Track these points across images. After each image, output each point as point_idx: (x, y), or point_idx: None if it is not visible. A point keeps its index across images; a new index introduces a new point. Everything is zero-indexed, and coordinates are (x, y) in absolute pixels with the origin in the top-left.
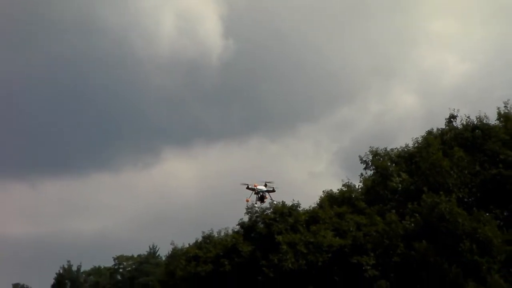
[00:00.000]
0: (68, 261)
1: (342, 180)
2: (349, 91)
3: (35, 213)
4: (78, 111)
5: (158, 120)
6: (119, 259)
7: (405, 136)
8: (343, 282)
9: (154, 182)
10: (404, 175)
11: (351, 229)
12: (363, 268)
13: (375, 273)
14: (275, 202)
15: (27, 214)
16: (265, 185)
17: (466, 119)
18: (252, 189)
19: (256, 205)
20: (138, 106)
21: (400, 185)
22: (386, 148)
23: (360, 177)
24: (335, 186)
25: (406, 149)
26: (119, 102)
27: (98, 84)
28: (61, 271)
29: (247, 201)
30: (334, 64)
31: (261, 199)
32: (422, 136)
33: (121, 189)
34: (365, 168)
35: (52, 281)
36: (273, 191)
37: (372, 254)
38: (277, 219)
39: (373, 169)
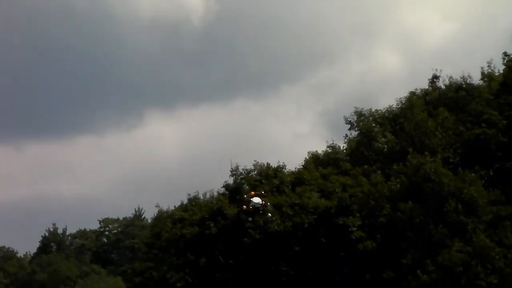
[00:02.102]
0: (54, 224)
1: (327, 142)
2: (331, 51)
3: (19, 177)
4: (59, 73)
5: (140, 82)
6: (105, 222)
7: (389, 96)
8: (329, 243)
9: (138, 144)
10: (389, 136)
11: (336, 190)
12: (349, 229)
13: (361, 234)
14: (259, 164)
15: (11, 178)
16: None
17: (450, 79)
18: (248, 201)
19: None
20: (120, 68)
21: (385, 146)
22: (370, 109)
23: (345, 138)
24: (320, 147)
25: (390, 110)
26: (100, 64)
27: (78, 46)
28: (46, 234)
29: (244, 208)
30: (316, 24)
31: (256, 211)
32: (405, 97)
33: (105, 152)
34: (350, 129)
35: (37, 244)
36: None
37: (357, 215)
38: (262, 181)
39: (358, 130)
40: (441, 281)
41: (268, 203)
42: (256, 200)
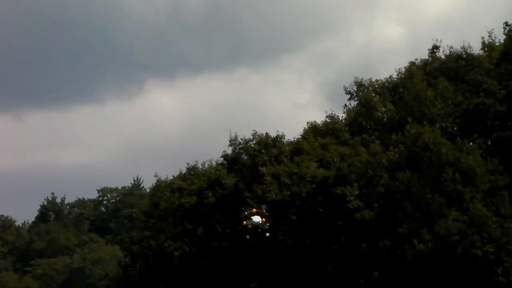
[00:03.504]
0: (52, 193)
1: (326, 112)
2: (332, 22)
3: (19, 145)
4: (60, 43)
5: (141, 51)
6: (103, 191)
7: (390, 67)
8: (326, 213)
9: (138, 114)
10: (389, 105)
11: (335, 160)
12: (347, 198)
13: (359, 203)
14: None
15: (11, 146)
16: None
17: (450, 49)
18: (249, 218)
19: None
20: (120, 38)
21: (385, 116)
22: (370, 79)
23: (344, 108)
24: (319, 118)
25: (389, 80)
26: (101, 33)
27: (79, 15)
28: (45, 203)
29: (244, 224)
30: None
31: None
32: (405, 67)
33: (105, 121)
34: (349, 99)
35: (36, 213)
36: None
37: (355, 185)
38: (261, 150)
39: (357, 100)
40: (437, 250)
41: (267, 224)
42: (256, 219)
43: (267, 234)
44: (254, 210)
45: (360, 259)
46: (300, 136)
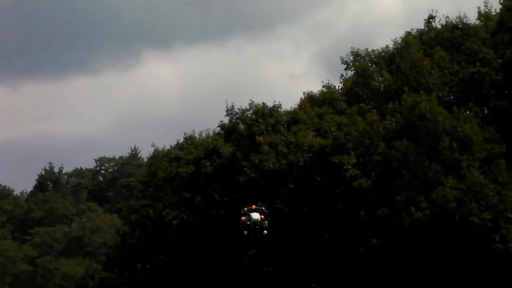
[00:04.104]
0: (50, 163)
1: (322, 82)
2: None
3: (16, 116)
4: (56, 12)
5: (136, 21)
6: (101, 161)
7: (386, 37)
8: (324, 181)
9: (134, 84)
10: (385, 75)
11: (331, 129)
12: (344, 167)
13: (356, 172)
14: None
15: (8, 117)
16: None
17: (446, 19)
18: (248, 215)
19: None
20: (117, 7)
21: (381, 85)
22: (367, 49)
23: (340, 78)
24: (316, 88)
25: (386, 50)
26: (97, 2)
27: None
28: (42, 173)
29: (243, 219)
30: None
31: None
32: (402, 37)
33: (102, 91)
34: (345, 69)
35: (34, 183)
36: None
37: (352, 154)
38: (258, 120)
39: (353, 70)
40: (434, 218)
41: (266, 222)
42: (255, 216)
43: (265, 231)
44: (254, 206)
45: (358, 227)
46: (296, 106)
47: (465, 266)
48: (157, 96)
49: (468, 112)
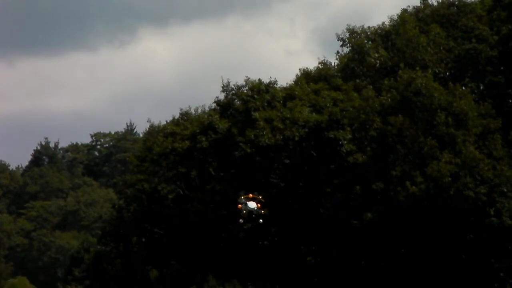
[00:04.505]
0: (46, 138)
1: (318, 58)
2: None
3: (12, 91)
4: None
5: None
6: (97, 136)
7: (382, 14)
8: (319, 156)
9: (130, 60)
10: (381, 51)
11: (327, 105)
12: (340, 142)
13: (352, 147)
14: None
15: (4, 92)
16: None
17: None
18: (244, 203)
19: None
20: None
21: (377, 61)
22: (363, 26)
23: (336, 54)
24: (312, 64)
25: (382, 27)
26: None
27: None
28: (38, 148)
29: (239, 207)
30: None
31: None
32: (398, 14)
33: (98, 67)
34: (341, 46)
35: (29, 158)
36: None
37: (348, 129)
38: (254, 96)
39: (349, 47)
40: (429, 192)
41: (262, 211)
42: (252, 205)
43: (261, 220)
44: (251, 195)
45: (353, 201)
46: (292, 82)
47: (460, 240)
48: (153, 73)
49: (463, 88)
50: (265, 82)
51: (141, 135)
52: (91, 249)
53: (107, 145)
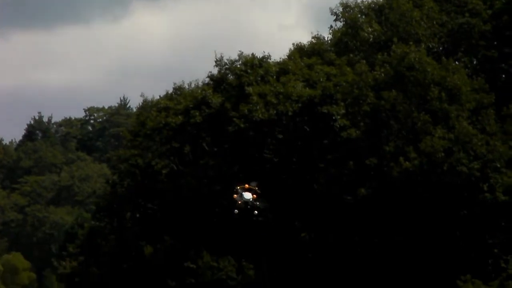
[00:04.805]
0: (39, 113)
1: (312, 33)
2: None
3: (5, 65)
4: None
5: None
6: (90, 111)
7: None
8: (313, 131)
9: (124, 34)
10: (375, 25)
11: (321, 79)
12: (333, 117)
13: (345, 122)
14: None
15: None
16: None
17: None
18: (240, 194)
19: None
20: None
21: (371, 36)
22: (356, 0)
23: (330, 29)
24: (305, 39)
25: (375, 1)
26: None
27: None
28: (32, 122)
29: (235, 197)
30: None
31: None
32: None
33: (91, 41)
34: (335, 20)
35: (23, 132)
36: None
37: (342, 104)
38: (247, 70)
39: (343, 21)
40: (423, 167)
41: (257, 203)
42: (247, 196)
43: (256, 212)
44: (247, 186)
45: (347, 177)
46: (286, 57)
47: (454, 215)
48: (146, 47)
49: (457, 62)
50: (258, 57)
51: (134, 110)
52: (85, 225)
53: (100, 119)
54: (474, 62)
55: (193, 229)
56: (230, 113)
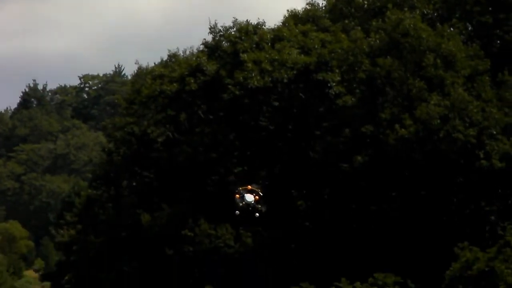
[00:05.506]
0: (34, 80)
1: None
2: None
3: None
4: None
5: None
6: (85, 78)
7: None
8: (308, 99)
9: (118, 1)
10: None
11: (316, 46)
12: (328, 84)
13: (341, 89)
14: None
15: None
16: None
17: None
18: (242, 194)
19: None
20: None
21: (365, 2)
22: None
23: None
24: (300, 5)
25: None
26: None
27: None
28: (26, 90)
29: (237, 197)
30: None
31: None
32: None
33: (85, 8)
34: None
35: (18, 100)
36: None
37: (337, 71)
38: (242, 37)
39: None
40: (419, 135)
41: (259, 206)
42: (249, 198)
43: (257, 214)
44: (249, 187)
45: (342, 144)
46: (280, 24)
47: (450, 183)
48: (141, 14)
49: (451, 29)
50: (253, 24)
51: (129, 77)
52: (82, 193)
53: (95, 87)
54: (469, 28)
55: (189, 197)
56: (225, 81)
